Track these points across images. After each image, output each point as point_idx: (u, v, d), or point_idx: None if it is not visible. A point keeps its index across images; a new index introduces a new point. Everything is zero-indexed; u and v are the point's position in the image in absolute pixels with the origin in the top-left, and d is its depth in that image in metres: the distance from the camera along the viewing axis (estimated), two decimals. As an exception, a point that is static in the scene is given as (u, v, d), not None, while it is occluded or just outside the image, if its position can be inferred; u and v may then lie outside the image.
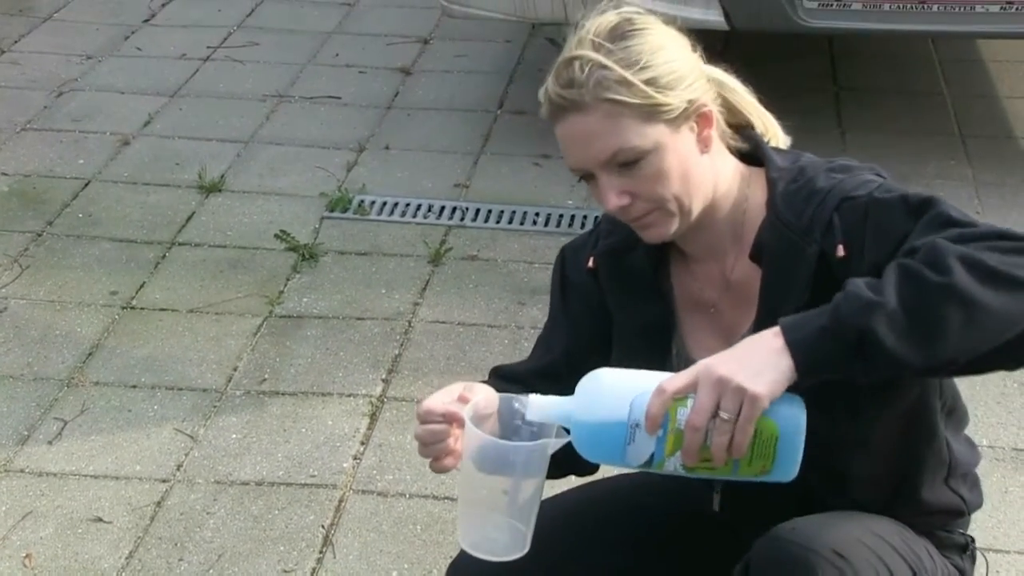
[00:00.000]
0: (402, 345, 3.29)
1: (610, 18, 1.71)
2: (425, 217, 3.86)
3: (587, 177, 1.73)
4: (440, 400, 1.68)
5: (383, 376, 3.17)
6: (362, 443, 2.94)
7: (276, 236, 3.73)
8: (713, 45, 1.89)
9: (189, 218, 3.85)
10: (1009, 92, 4.64)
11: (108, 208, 3.90)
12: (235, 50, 4.98)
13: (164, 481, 2.82)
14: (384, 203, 3.93)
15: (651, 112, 1.66)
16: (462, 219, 3.84)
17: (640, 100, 1.66)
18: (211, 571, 2.56)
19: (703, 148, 1.72)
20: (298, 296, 3.48)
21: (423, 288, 3.52)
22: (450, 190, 4.01)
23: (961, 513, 1.87)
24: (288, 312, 3.42)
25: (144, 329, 3.35)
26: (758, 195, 1.75)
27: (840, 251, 1.63)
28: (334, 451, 2.91)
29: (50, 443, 2.93)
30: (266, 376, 3.17)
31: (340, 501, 2.76)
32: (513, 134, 4.33)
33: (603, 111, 1.66)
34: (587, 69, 1.66)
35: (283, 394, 3.10)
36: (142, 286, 3.52)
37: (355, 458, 2.89)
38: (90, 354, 3.25)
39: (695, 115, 1.70)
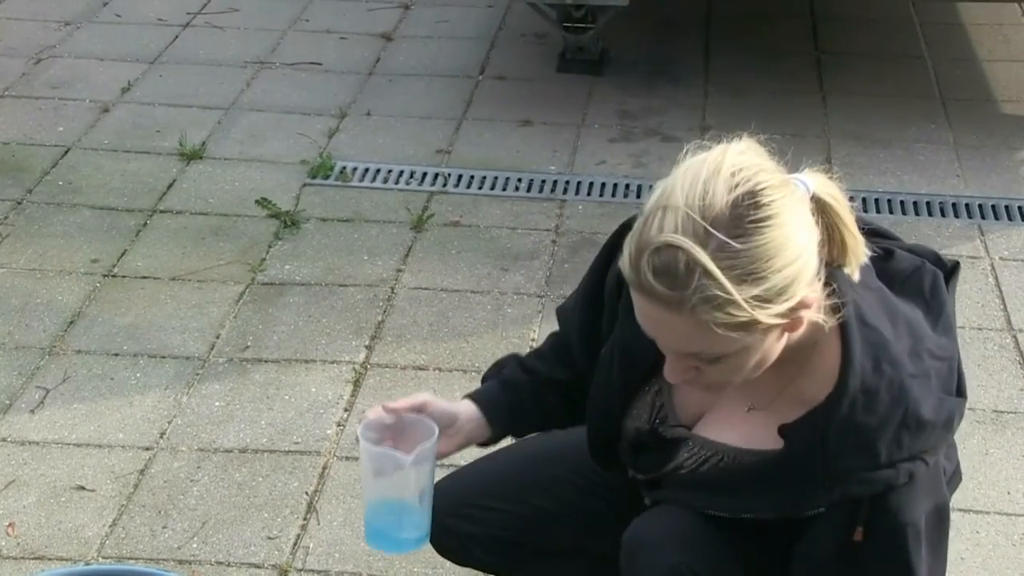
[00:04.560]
0: (385, 311, 3.29)
1: (727, 191, 1.45)
2: (407, 183, 3.85)
3: None
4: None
5: (366, 343, 3.17)
6: (346, 410, 2.94)
7: (258, 203, 3.72)
8: (698, 7, 1.87)
9: (170, 186, 3.83)
10: (989, 55, 4.64)
11: (88, 176, 3.88)
12: (215, 16, 4.95)
13: (147, 449, 2.82)
14: (366, 169, 3.91)
15: (748, 325, 1.49)
16: (444, 185, 3.84)
17: (740, 319, 1.48)
18: (195, 538, 2.57)
19: (788, 332, 1.55)
20: (280, 263, 3.47)
21: (406, 254, 3.51)
22: (432, 156, 4.00)
23: None
24: (270, 279, 3.41)
25: (126, 297, 3.34)
26: (827, 361, 1.61)
27: (859, 535, 1.59)
28: (317, 418, 2.91)
29: (32, 412, 2.93)
30: (249, 343, 3.17)
31: (324, 468, 2.76)
32: (495, 99, 4.32)
33: (697, 320, 1.48)
34: (694, 274, 1.45)
35: (266, 361, 3.10)
36: (123, 254, 3.51)
37: (339, 425, 2.89)
38: (72, 322, 3.24)
39: (792, 315, 1.52)
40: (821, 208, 1.53)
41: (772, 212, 1.46)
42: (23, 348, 3.14)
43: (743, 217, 1.45)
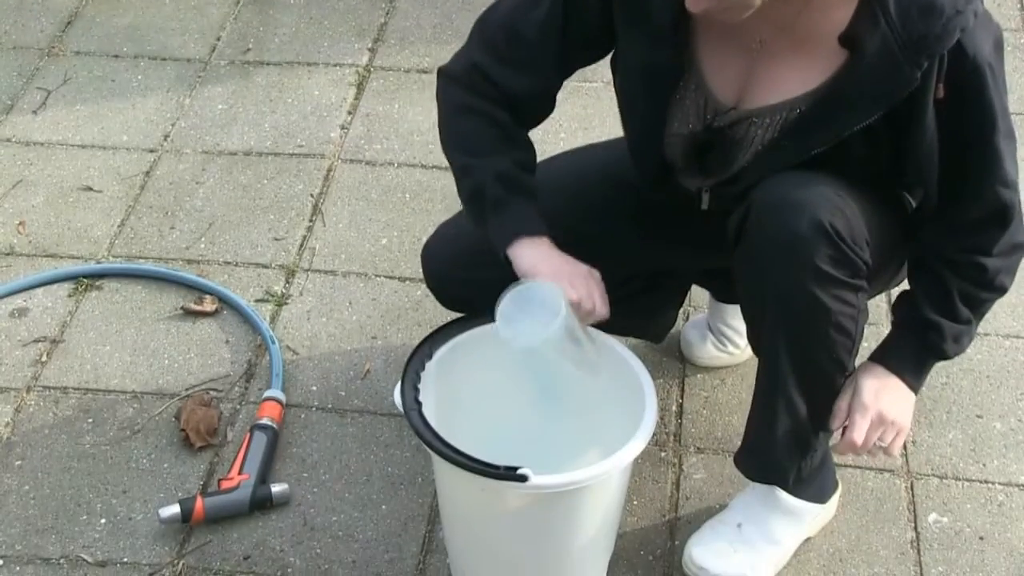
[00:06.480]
0: (388, 13, 3.23)
1: None
2: None
3: None
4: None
5: (369, 45, 3.12)
6: (349, 113, 2.92)
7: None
8: None
9: None
10: None
11: None
12: None
13: (152, 151, 2.82)
14: None
15: None
16: None
17: None
18: (202, 239, 2.60)
19: None
20: (280, -37, 3.38)
21: (408, -46, 3.42)
22: None
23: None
24: (270, -21, 3.33)
25: (123, -3, 3.27)
26: None
27: (940, 92, 1.63)
28: (321, 121, 2.90)
29: (35, 113, 2.91)
30: (250, 46, 3.12)
31: (328, 170, 2.77)
32: None
33: None
34: None
35: (268, 64, 3.06)
36: (118, -48, 3.41)
37: (342, 128, 2.88)
38: (69, 23, 3.18)
39: None
40: None
41: None
42: (21, 49, 3.10)
43: None
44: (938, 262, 1.78)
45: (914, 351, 1.82)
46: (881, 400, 1.79)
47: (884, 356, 1.83)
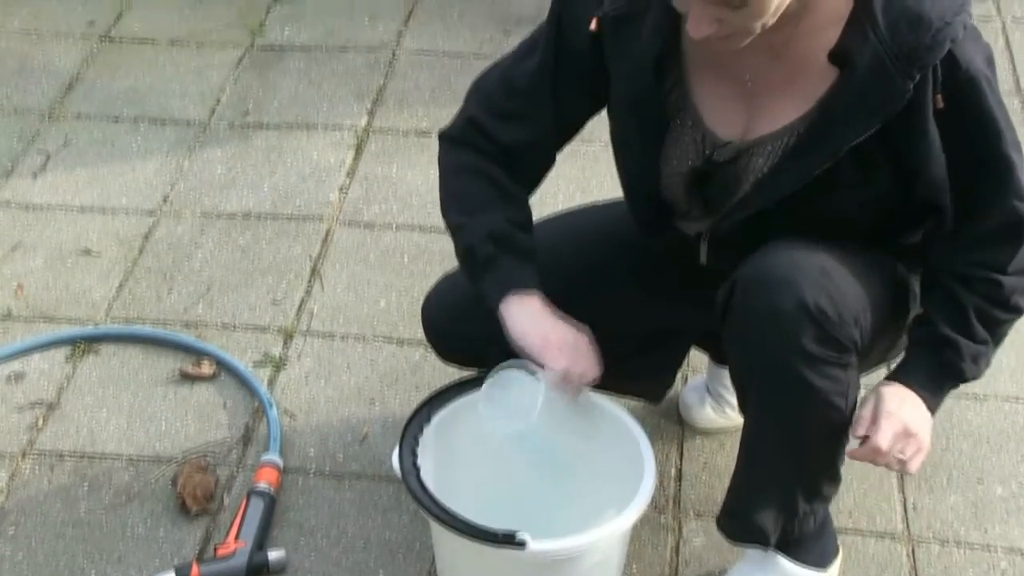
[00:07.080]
0: (386, 76, 3.25)
1: None
2: (408, -57, 3.74)
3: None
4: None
5: (368, 107, 3.14)
6: (348, 175, 2.93)
7: (255, -36, 3.62)
8: None
9: (164, -55, 3.72)
10: None
11: (80, -66, 3.76)
12: None
13: (151, 214, 2.82)
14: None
15: None
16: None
17: None
18: (201, 302, 2.60)
19: None
20: (279, 27, 3.41)
21: (407, 18, 3.44)
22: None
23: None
24: (270, 43, 3.35)
25: (124, 61, 3.29)
26: None
27: (939, 102, 1.63)
28: (320, 183, 2.91)
29: (35, 176, 2.92)
30: (249, 108, 3.13)
31: (327, 233, 2.77)
32: None
33: None
34: None
35: (267, 126, 3.08)
36: (119, 16, 3.44)
37: (341, 190, 2.89)
38: (70, 86, 3.20)
39: None
40: None
41: None
42: (22, 112, 3.11)
43: None
44: (950, 278, 1.75)
45: (931, 368, 1.77)
46: (904, 410, 1.74)
47: (901, 374, 1.79)
